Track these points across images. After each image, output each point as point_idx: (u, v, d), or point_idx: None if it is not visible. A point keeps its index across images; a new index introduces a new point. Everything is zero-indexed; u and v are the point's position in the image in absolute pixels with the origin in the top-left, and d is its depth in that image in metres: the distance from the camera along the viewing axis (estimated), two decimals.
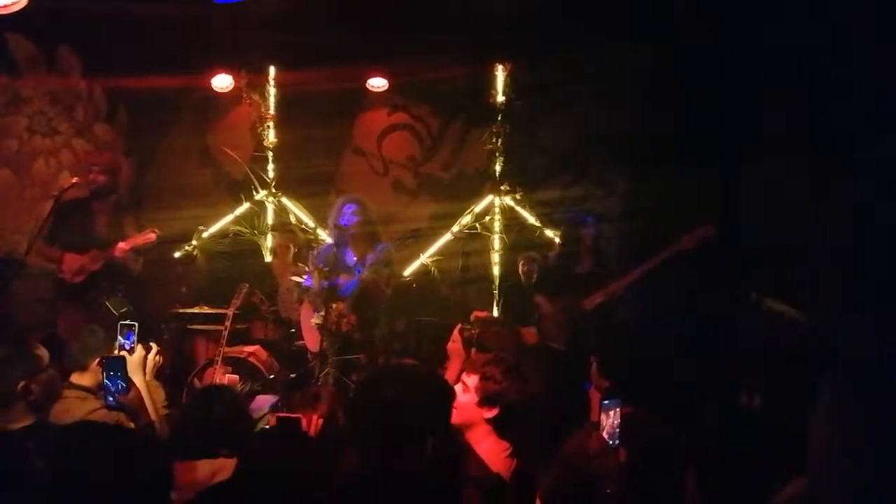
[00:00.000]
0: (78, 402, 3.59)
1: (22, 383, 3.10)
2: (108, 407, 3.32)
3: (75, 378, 3.72)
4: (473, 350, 4.18)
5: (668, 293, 5.41)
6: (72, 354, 3.82)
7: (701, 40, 6.12)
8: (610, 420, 2.59)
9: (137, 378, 3.41)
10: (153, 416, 3.32)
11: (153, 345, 3.65)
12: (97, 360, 3.65)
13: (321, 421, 3.29)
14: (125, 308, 5.36)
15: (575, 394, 3.80)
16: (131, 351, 3.45)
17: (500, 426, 3.02)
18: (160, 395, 3.67)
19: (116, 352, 3.46)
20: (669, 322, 5.31)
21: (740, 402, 3.94)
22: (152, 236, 5.63)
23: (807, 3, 5.54)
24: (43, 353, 3.49)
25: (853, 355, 2.71)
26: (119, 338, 3.50)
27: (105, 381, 3.25)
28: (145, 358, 3.54)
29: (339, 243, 5.67)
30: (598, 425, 2.63)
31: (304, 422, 3.32)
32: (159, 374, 3.76)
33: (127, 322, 3.56)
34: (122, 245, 5.55)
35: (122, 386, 3.24)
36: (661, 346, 4.98)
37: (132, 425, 3.26)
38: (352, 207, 5.70)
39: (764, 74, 6.08)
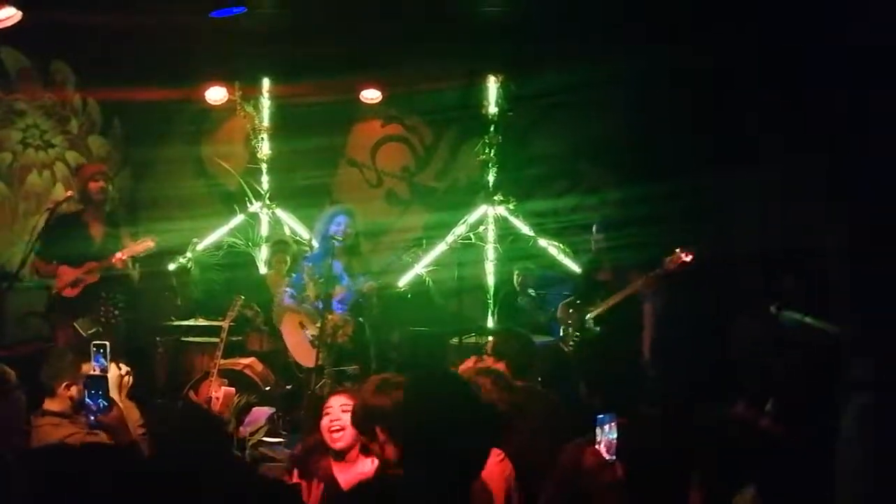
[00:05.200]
0: (52, 429, 3.57)
1: None
2: (90, 426, 3.31)
3: (47, 405, 3.68)
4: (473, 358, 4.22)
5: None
6: (40, 378, 3.76)
7: (697, 46, 6.16)
8: (605, 435, 2.59)
9: (113, 396, 3.40)
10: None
11: (122, 365, 3.66)
12: (65, 384, 3.65)
13: (322, 485, 3.27)
14: (94, 329, 5.34)
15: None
16: (104, 372, 3.44)
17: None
18: (135, 414, 3.65)
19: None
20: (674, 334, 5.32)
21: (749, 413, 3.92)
22: (150, 244, 5.63)
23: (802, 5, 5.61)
24: (9, 371, 3.49)
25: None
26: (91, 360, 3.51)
27: (86, 400, 3.23)
28: (120, 378, 3.53)
29: (328, 253, 5.68)
30: (593, 440, 2.63)
31: (304, 489, 3.30)
32: (142, 392, 3.75)
33: (97, 342, 3.56)
34: (119, 255, 5.53)
35: (103, 405, 3.22)
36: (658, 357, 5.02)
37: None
38: (343, 219, 5.72)
39: (762, 79, 6.13)
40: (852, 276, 5.22)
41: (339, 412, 3.39)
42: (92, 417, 3.24)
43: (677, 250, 5.22)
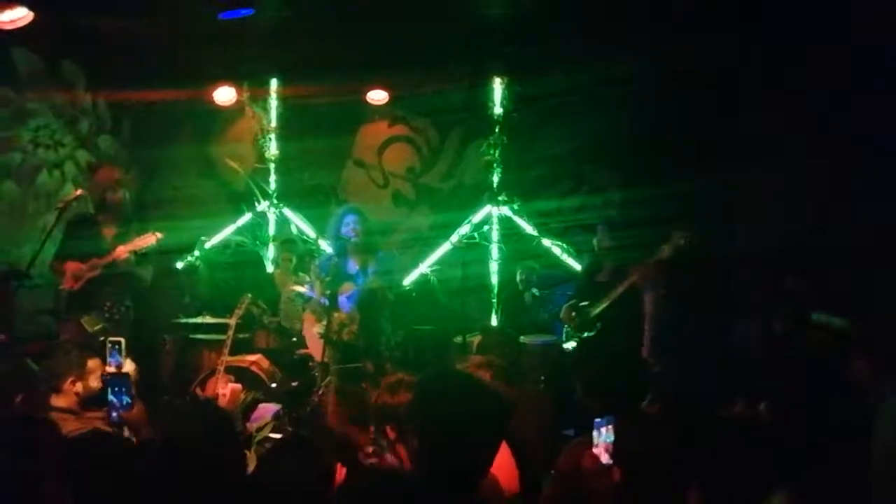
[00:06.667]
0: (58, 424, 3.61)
1: (20, 397, 3.15)
2: (112, 423, 3.37)
3: (53, 400, 3.72)
4: (473, 358, 4.27)
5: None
6: (44, 374, 3.82)
7: (701, 46, 6.19)
8: (602, 438, 2.61)
9: None
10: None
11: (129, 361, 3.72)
12: (70, 379, 3.70)
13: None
14: (99, 325, 5.39)
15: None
16: (119, 368, 3.49)
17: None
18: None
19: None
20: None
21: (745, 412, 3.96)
22: (152, 238, 5.64)
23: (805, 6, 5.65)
24: (33, 367, 3.56)
25: None
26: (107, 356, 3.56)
27: (109, 396, 3.30)
28: (135, 373, 3.60)
29: (340, 253, 5.74)
30: (590, 443, 2.65)
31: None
32: (149, 388, 3.80)
33: (112, 339, 3.61)
34: (121, 248, 5.56)
35: (126, 402, 3.29)
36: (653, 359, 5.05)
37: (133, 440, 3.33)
38: (352, 217, 5.77)
39: (764, 77, 6.16)
40: (854, 277, 5.30)
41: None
42: (115, 414, 3.30)
43: (672, 236, 5.22)
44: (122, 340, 3.72)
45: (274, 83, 7.48)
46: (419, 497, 2.16)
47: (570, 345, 5.62)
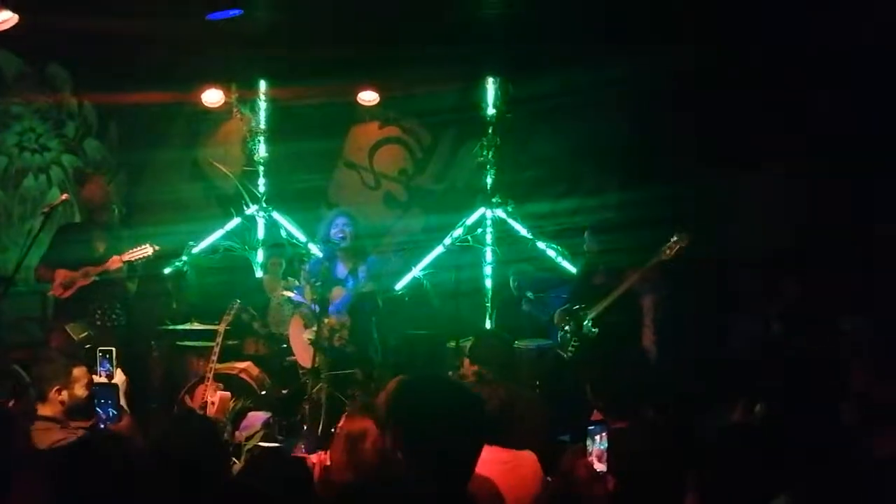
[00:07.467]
0: (43, 433, 3.51)
1: (12, 401, 3.11)
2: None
3: (39, 409, 3.65)
4: (466, 360, 4.20)
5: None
6: (29, 381, 3.76)
7: (697, 48, 6.15)
8: (596, 445, 2.57)
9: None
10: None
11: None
12: (56, 388, 3.63)
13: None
14: (85, 333, 5.33)
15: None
16: (110, 377, 3.43)
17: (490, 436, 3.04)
18: None
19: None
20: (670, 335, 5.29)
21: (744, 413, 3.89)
22: (149, 251, 5.63)
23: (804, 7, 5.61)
24: (22, 373, 3.50)
25: None
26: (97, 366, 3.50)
27: (96, 408, 3.23)
28: (126, 383, 3.53)
29: (329, 257, 5.67)
30: (585, 451, 2.61)
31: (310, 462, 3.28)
32: (137, 396, 3.75)
33: (103, 348, 3.54)
34: (116, 258, 5.54)
35: (113, 413, 3.23)
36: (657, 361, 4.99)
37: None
38: (342, 220, 5.72)
39: (764, 77, 6.13)
40: (853, 277, 5.26)
41: None
42: (102, 426, 3.24)
43: (672, 238, 5.17)
44: (113, 349, 3.66)
45: (262, 84, 7.40)
46: (405, 498, 2.13)
47: (566, 348, 5.53)
